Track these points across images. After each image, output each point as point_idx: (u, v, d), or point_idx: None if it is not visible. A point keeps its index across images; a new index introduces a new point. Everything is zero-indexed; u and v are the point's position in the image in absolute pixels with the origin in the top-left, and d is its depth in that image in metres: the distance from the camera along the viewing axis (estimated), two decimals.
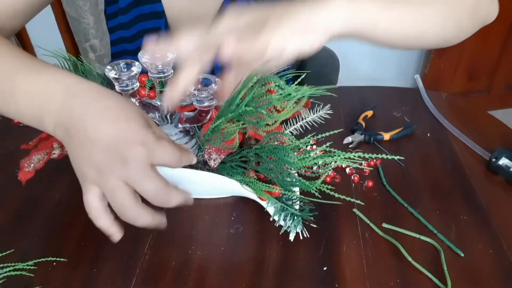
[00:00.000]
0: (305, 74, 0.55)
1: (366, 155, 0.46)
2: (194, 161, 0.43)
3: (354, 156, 0.45)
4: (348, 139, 0.64)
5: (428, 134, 0.67)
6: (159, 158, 0.38)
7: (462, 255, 0.48)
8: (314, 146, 0.62)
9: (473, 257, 0.48)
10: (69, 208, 0.56)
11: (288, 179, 0.48)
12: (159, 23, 0.70)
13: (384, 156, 0.49)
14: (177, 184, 0.53)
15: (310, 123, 0.60)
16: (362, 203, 0.54)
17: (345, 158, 0.45)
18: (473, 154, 0.63)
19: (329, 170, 0.56)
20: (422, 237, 0.50)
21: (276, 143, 0.49)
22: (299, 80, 0.50)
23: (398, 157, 0.51)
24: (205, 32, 0.42)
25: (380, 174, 0.59)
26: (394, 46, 0.47)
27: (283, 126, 0.55)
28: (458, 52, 1.84)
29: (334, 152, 0.46)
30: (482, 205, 0.54)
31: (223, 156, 0.50)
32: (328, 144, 0.48)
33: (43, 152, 0.49)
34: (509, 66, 1.91)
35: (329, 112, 0.60)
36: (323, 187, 0.46)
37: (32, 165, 0.48)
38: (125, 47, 0.76)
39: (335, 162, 0.46)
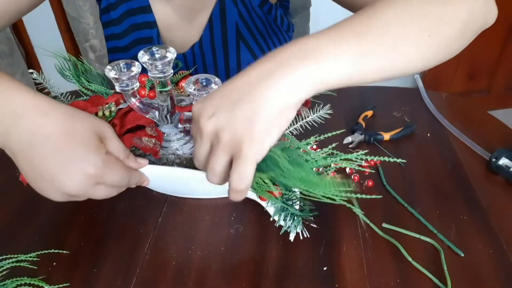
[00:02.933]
0: None
1: (368, 158, 0.46)
2: (146, 183, 0.49)
3: (356, 157, 0.45)
4: (348, 139, 0.64)
5: (428, 134, 0.67)
6: (108, 180, 0.42)
7: (462, 255, 0.48)
8: (315, 147, 0.62)
9: (473, 257, 0.48)
10: (69, 208, 0.56)
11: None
12: (151, 33, 0.71)
13: (385, 158, 0.49)
14: (178, 184, 0.53)
15: (310, 123, 0.60)
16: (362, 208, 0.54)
17: (346, 159, 0.45)
18: (473, 154, 0.63)
19: (330, 171, 0.56)
20: (422, 237, 0.50)
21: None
22: None
23: (400, 160, 0.50)
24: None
25: (380, 174, 0.59)
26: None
27: None
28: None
29: (336, 154, 0.46)
30: (482, 205, 0.54)
31: None
32: (330, 146, 0.48)
33: None
34: (509, 66, 1.91)
35: (329, 112, 0.60)
36: (333, 178, 0.46)
37: None
38: (119, 56, 0.77)
39: (337, 164, 0.46)
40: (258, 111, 0.35)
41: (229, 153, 0.37)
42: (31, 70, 0.60)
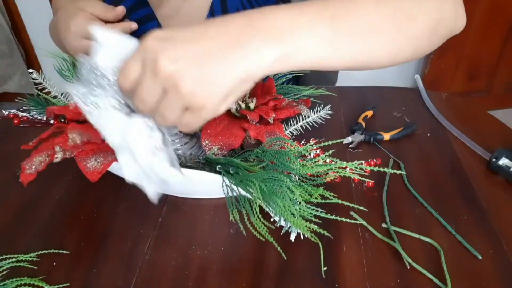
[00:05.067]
0: (305, 73, 0.55)
1: (369, 168, 0.46)
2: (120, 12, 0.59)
3: (357, 167, 0.45)
4: (348, 139, 0.64)
5: (428, 134, 0.67)
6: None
7: (480, 257, 0.47)
8: (318, 151, 0.61)
9: (473, 257, 0.48)
10: (69, 208, 0.56)
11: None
12: (151, 26, 0.72)
13: (390, 170, 0.49)
14: (178, 184, 0.53)
15: (310, 123, 0.60)
16: (362, 208, 0.54)
17: (348, 167, 0.46)
18: (473, 154, 0.63)
19: (332, 177, 0.56)
20: (422, 237, 0.50)
21: (278, 147, 0.49)
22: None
23: (400, 171, 0.51)
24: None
25: (402, 171, 0.58)
26: (340, 69, 0.43)
27: (284, 126, 0.55)
28: (458, 52, 1.84)
29: (336, 162, 0.47)
30: (482, 205, 0.54)
31: (222, 150, 0.50)
32: (327, 153, 0.48)
33: (45, 153, 0.49)
34: (509, 66, 1.92)
35: (329, 112, 0.60)
36: (325, 193, 0.46)
37: (34, 167, 0.48)
38: None
39: (338, 172, 0.46)
40: (226, 76, 0.35)
41: (183, 104, 0.36)
42: (30, 70, 0.61)
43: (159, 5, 0.72)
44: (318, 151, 0.55)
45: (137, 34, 0.73)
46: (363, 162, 0.57)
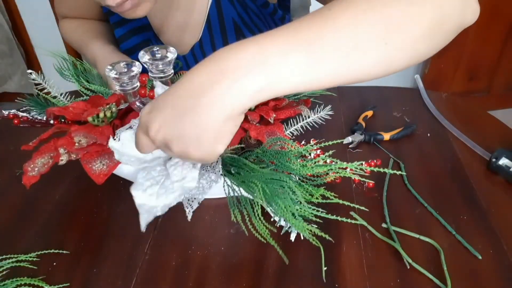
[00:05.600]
0: None
1: (369, 168, 0.46)
2: None
3: (357, 168, 0.45)
4: (348, 139, 0.64)
5: (428, 134, 0.67)
6: None
7: (480, 257, 0.47)
8: (319, 151, 0.61)
9: (473, 257, 0.48)
10: (69, 208, 0.56)
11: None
12: (148, 36, 0.72)
13: (390, 171, 0.49)
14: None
15: (310, 124, 0.60)
16: (362, 208, 0.54)
17: (349, 168, 0.46)
18: (473, 154, 0.63)
19: (332, 178, 0.56)
20: (422, 237, 0.50)
21: (278, 147, 0.49)
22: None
23: (400, 172, 0.51)
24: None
25: (402, 171, 0.58)
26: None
27: (284, 126, 0.55)
28: (458, 52, 1.84)
29: (337, 162, 0.46)
30: (482, 205, 0.54)
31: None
32: (327, 154, 0.48)
33: (47, 155, 0.49)
34: (509, 66, 1.91)
35: (329, 112, 0.60)
36: (326, 193, 0.46)
37: (37, 169, 0.48)
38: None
39: (338, 173, 0.46)
40: (204, 125, 0.36)
41: (182, 158, 0.39)
42: (30, 71, 0.60)
43: (160, 31, 0.74)
44: (318, 151, 0.55)
45: (136, 42, 0.74)
46: (363, 162, 0.57)
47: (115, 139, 0.47)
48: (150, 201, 0.45)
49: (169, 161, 0.47)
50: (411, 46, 0.38)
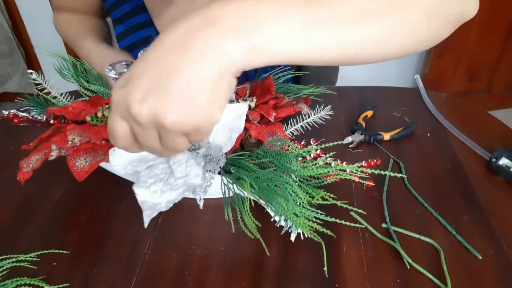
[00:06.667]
0: (304, 74, 0.55)
1: (370, 170, 0.46)
2: None
3: (357, 169, 0.45)
4: (348, 139, 0.64)
5: (428, 134, 0.67)
6: None
7: (480, 257, 0.47)
8: (319, 151, 0.61)
9: (473, 257, 0.48)
10: (69, 208, 0.56)
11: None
12: (149, 32, 0.72)
13: (390, 173, 0.49)
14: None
15: (310, 124, 0.60)
16: (360, 210, 0.54)
17: (348, 170, 0.46)
18: (473, 154, 0.63)
19: (333, 180, 0.56)
20: (422, 237, 0.50)
21: (278, 148, 0.49)
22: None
23: (400, 174, 0.51)
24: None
25: (402, 172, 0.58)
26: (322, 64, 0.37)
27: (284, 126, 0.55)
28: (458, 52, 1.84)
29: (337, 163, 0.46)
30: (482, 205, 0.54)
31: None
32: (328, 155, 0.48)
33: (42, 152, 0.49)
34: (509, 66, 1.92)
35: (329, 112, 0.60)
36: (326, 195, 0.46)
37: (31, 165, 0.48)
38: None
39: (338, 174, 0.46)
40: (195, 82, 0.31)
41: (180, 134, 0.33)
42: (30, 71, 0.60)
43: (158, 14, 0.72)
44: (318, 151, 0.55)
45: (136, 40, 0.74)
46: (363, 162, 0.57)
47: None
48: (153, 198, 0.44)
49: (172, 158, 0.47)
50: (412, 27, 0.36)
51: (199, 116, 0.32)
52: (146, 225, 0.43)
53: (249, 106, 0.55)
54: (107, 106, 0.53)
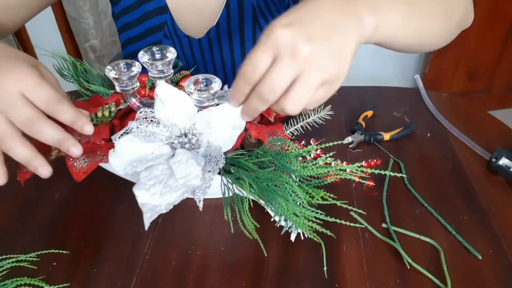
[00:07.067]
0: None
1: (370, 170, 0.46)
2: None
3: (357, 169, 0.45)
4: (348, 139, 0.64)
5: (428, 134, 0.67)
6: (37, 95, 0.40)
7: (480, 257, 0.48)
8: (319, 151, 0.61)
9: (473, 257, 0.48)
10: (69, 208, 0.56)
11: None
12: (164, 18, 0.71)
13: (390, 173, 0.49)
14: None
15: (310, 124, 0.60)
16: (360, 211, 0.54)
17: (348, 170, 0.46)
18: (473, 154, 0.63)
19: (333, 180, 0.56)
20: (422, 237, 0.50)
21: (278, 148, 0.49)
22: None
23: (400, 174, 0.51)
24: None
25: (402, 172, 0.58)
26: (398, 50, 0.48)
27: (284, 126, 0.55)
28: (458, 52, 1.84)
29: (337, 163, 0.46)
30: (482, 205, 0.54)
31: None
32: (328, 155, 0.48)
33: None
34: (509, 66, 1.91)
35: (329, 112, 0.60)
36: (326, 195, 0.46)
37: None
38: (132, 49, 0.77)
39: (338, 174, 0.46)
40: (348, 45, 0.37)
41: (322, 81, 0.37)
42: None
43: (178, 12, 0.71)
44: (318, 151, 0.55)
45: (147, 27, 0.73)
46: (363, 162, 0.57)
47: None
48: (153, 200, 0.44)
49: (172, 158, 0.47)
50: (450, 31, 0.51)
51: (343, 71, 0.37)
52: (146, 227, 0.43)
53: None
54: (106, 105, 0.53)
